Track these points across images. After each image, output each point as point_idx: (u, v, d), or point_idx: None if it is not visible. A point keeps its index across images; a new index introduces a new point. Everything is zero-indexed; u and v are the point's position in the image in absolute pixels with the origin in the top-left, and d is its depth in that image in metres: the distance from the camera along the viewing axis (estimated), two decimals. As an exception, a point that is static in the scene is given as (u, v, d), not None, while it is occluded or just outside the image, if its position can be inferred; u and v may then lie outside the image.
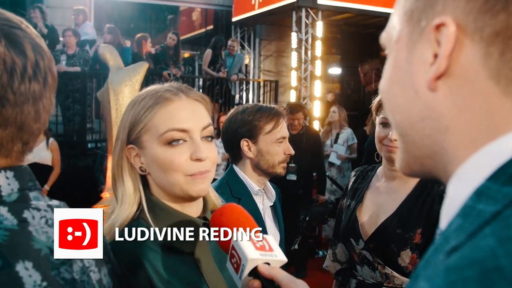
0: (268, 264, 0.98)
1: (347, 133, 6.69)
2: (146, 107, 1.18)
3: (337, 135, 6.75)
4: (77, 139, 7.89)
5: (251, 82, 10.72)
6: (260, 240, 1.02)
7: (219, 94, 9.11)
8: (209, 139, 1.21)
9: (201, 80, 9.58)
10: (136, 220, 1.17)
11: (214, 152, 1.21)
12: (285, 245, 2.23)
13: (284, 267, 1.00)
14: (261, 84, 10.74)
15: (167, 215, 1.18)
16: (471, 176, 0.51)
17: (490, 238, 0.43)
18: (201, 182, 1.17)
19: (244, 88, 10.39)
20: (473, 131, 0.52)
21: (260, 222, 1.99)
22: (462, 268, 0.43)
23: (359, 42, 11.76)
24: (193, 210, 1.23)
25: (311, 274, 5.25)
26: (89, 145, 7.90)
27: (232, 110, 2.17)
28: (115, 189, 1.21)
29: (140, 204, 1.19)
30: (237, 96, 9.68)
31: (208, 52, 8.94)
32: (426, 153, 0.57)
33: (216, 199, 1.33)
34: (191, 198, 1.20)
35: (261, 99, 10.41)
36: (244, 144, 2.07)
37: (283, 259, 1.02)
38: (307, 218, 5.44)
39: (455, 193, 0.52)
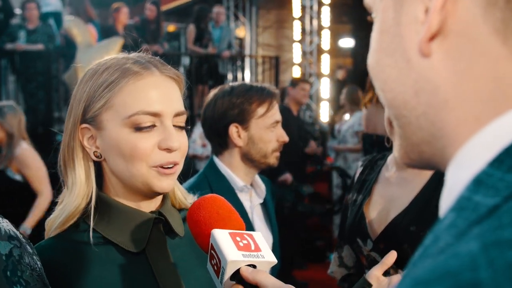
0: (254, 266, 0.97)
1: (354, 117, 6.56)
2: (110, 80, 1.14)
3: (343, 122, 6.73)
4: (43, 131, 7.87)
5: (247, 59, 10.69)
6: (245, 238, 1.01)
7: (208, 74, 9.09)
8: (182, 126, 1.20)
9: (187, 58, 9.55)
10: (76, 222, 1.19)
11: (185, 142, 1.20)
12: (280, 247, 2.23)
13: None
14: (259, 60, 10.71)
15: (114, 212, 1.19)
16: (471, 160, 0.48)
17: (473, 241, 0.40)
18: (166, 178, 1.16)
19: (239, 66, 10.37)
20: (476, 105, 0.49)
21: (247, 223, 1.99)
22: (429, 282, 0.40)
23: (374, 8, 11.71)
24: (151, 205, 1.24)
25: (319, 282, 5.28)
26: (57, 138, 7.91)
27: (215, 91, 2.15)
28: (65, 174, 1.20)
29: (90, 197, 1.19)
30: (230, 76, 9.66)
31: (191, 27, 8.90)
32: (423, 137, 0.55)
33: (182, 194, 1.34)
34: (152, 194, 1.20)
35: (259, 78, 10.40)
36: (234, 130, 2.06)
37: (272, 260, 1.00)
38: None
39: (452, 181, 0.50)
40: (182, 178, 1.31)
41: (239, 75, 10.27)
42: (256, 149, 2.07)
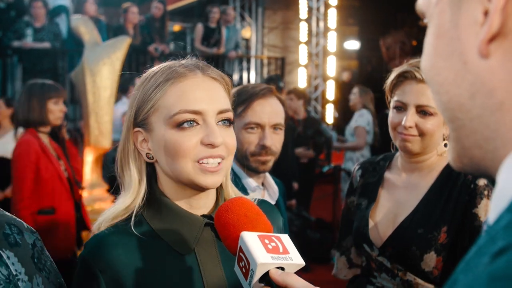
0: (283, 269, 0.98)
1: (355, 115, 6.52)
2: (156, 83, 1.21)
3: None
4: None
5: (252, 60, 10.71)
6: (273, 241, 1.01)
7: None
8: (227, 123, 1.24)
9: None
10: (135, 215, 1.23)
11: (231, 137, 1.24)
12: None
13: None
14: (265, 61, 10.73)
15: (167, 212, 1.23)
16: None
17: None
18: (211, 174, 1.20)
19: (245, 67, 10.40)
20: None
21: None
22: (508, 278, 0.41)
23: (380, 11, 11.72)
24: (203, 204, 1.27)
25: (324, 284, 5.28)
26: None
27: None
28: (122, 176, 1.28)
29: (144, 195, 1.26)
30: (235, 76, 9.69)
31: (199, 26, 8.95)
32: (475, 141, 0.56)
33: (235, 194, 1.35)
34: (200, 190, 1.23)
35: (264, 79, 10.41)
36: None
37: (300, 262, 1.01)
38: None
39: (506, 182, 0.50)
40: None
41: (245, 76, 10.30)
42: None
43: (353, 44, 12.94)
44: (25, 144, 3.60)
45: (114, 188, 1.31)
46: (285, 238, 1.04)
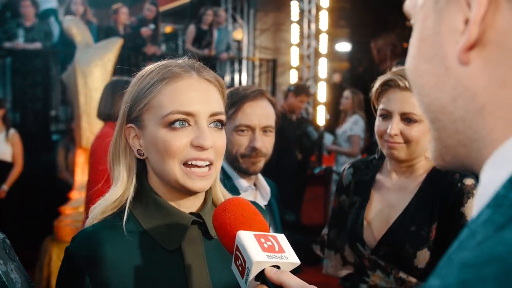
0: (278, 267, 1.00)
1: (349, 121, 6.45)
2: (151, 82, 1.23)
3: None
4: (39, 130, 7.86)
5: (244, 61, 10.73)
6: (269, 240, 1.04)
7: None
8: (219, 126, 1.25)
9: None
10: (121, 210, 1.26)
11: (221, 140, 1.25)
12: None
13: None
14: (256, 63, 10.75)
15: (155, 208, 1.25)
16: (507, 161, 0.51)
17: None
18: (200, 179, 1.21)
19: (236, 69, 10.41)
20: None
21: None
22: (479, 265, 0.42)
23: (371, 13, 11.78)
24: (190, 204, 1.28)
25: (315, 285, 5.31)
26: (53, 137, 7.90)
27: None
28: (112, 169, 1.30)
29: (134, 191, 1.27)
30: (227, 78, 9.70)
31: (192, 27, 8.96)
32: (459, 140, 0.57)
33: (224, 196, 1.37)
34: (188, 192, 1.25)
35: (256, 81, 10.44)
36: None
37: (296, 261, 1.03)
38: None
39: (488, 181, 0.52)
40: None
41: (236, 78, 10.32)
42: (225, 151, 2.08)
43: (344, 46, 13.00)
44: (104, 136, 3.73)
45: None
46: (281, 238, 1.07)
